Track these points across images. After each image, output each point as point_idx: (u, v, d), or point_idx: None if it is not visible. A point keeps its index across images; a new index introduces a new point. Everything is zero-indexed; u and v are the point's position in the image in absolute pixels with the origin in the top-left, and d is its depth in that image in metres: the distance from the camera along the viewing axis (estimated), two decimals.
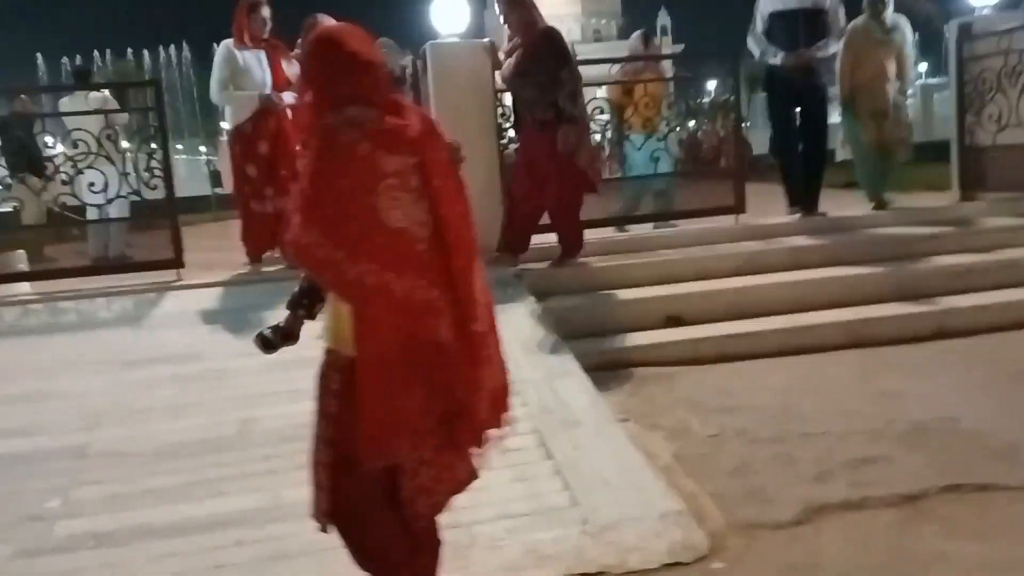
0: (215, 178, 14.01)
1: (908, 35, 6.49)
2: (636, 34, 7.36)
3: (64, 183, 5.33)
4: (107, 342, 4.51)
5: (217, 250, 6.88)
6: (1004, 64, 6.33)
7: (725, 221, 6.09)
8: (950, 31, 6.79)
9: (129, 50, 31.05)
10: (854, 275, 5.25)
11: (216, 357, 4.27)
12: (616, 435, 3.41)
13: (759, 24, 6.28)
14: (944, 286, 5.19)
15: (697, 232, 5.86)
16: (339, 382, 1.95)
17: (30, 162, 6.88)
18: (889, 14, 6.33)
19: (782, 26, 6.10)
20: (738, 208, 6.10)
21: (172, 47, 34.24)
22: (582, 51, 12.14)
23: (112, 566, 2.66)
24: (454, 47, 5.49)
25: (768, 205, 6.62)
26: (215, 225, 11.26)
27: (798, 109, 6.25)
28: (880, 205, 6.52)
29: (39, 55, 29.25)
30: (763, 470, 3.31)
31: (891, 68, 6.34)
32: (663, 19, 47.49)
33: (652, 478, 3.06)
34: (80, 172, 5.31)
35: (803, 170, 6.28)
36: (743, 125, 6.64)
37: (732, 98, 6.20)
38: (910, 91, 7.02)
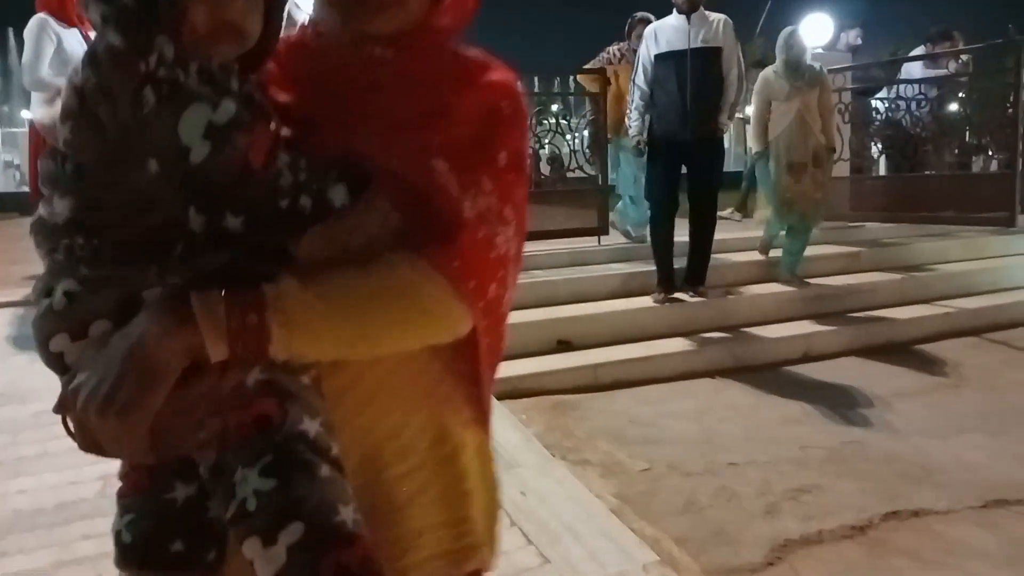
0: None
1: (828, 84, 5.89)
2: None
3: None
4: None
5: (13, 262, 5.75)
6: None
7: (589, 242, 5.99)
8: None
9: None
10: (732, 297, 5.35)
11: (45, 397, 3.43)
12: (563, 476, 3.10)
13: (641, 75, 5.23)
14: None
15: (569, 253, 5.70)
16: None
17: None
18: (805, 60, 5.65)
19: (668, 72, 5.08)
20: (602, 230, 6.03)
21: None
22: None
23: None
24: None
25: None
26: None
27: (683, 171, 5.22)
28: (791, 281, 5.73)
29: None
30: (711, 506, 3.15)
31: (811, 119, 5.59)
32: None
33: (618, 524, 2.78)
34: None
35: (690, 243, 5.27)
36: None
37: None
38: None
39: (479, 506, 0.98)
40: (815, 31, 9.96)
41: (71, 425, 0.78)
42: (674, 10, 5.14)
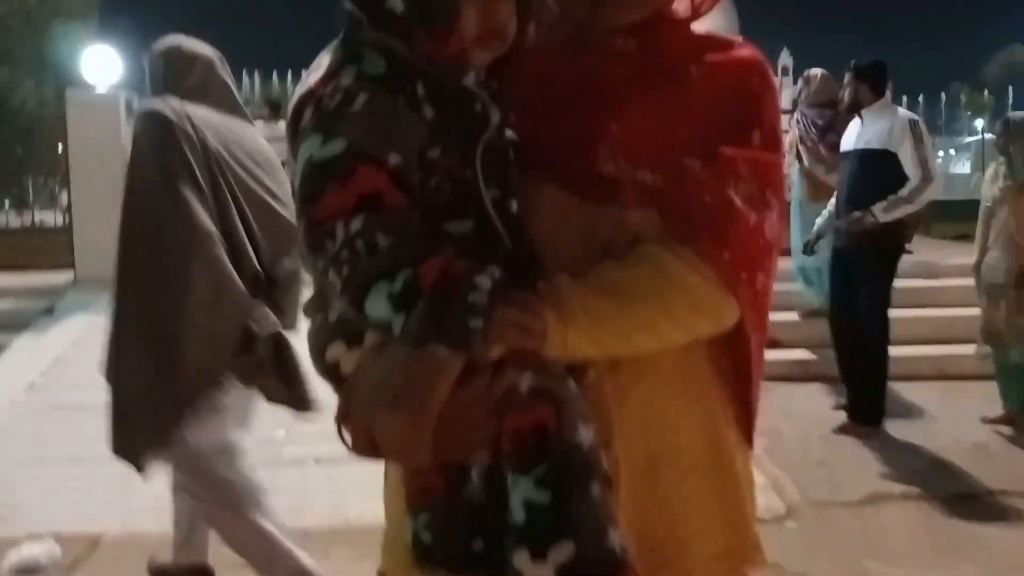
0: None
1: None
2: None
3: None
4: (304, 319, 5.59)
5: None
6: None
7: None
8: None
9: (275, 73, 32.11)
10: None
11: None
12: None
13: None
14: None
15: None
16: None
17: None
18: None
19: (843, 171, 4.54)
20: None
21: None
22: None
23: (333, 479, 3.61)
24: None
25: None
26: None
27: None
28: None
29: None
30: (839, 463, 3.99)
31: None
32: (785, 60, 34.92)
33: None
34: None
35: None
36: None
37: None
38: None
39: (752, 510, 0.99)
40: None
41: (347, 434, 0.84)
42: None
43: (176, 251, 2.17)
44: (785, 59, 9.26)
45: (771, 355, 4.32)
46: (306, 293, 2.62)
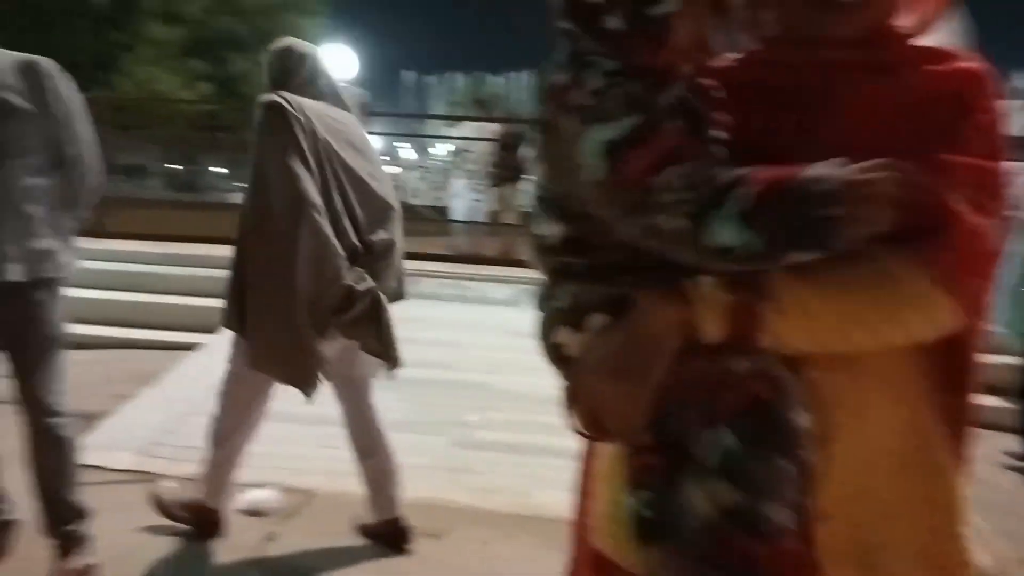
0: None
1: None
2: None
3: None
4: (497, 314, 5.84)
5: None
6: None
7: None
8: None
9: (487, 75, 31.85)
10: None
11: None
12: None
13: None
14: None
15: None
16: None
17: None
18: None
19: None
20: None
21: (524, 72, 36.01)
22: None
23: (521, 466, 3.78)
24: None
25: None
26: None
27: None
28: None
29: (401, 71, 32.10)
30: None
31: None
32: (1020, 82, 25.21)
33: None
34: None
35: None
36: None
37: None
38: None
39: (963, 526, 0.96)
40: None
41: (574, 417, 0.91)
42: None
43: (287, 218, 2.52)
44: (1020, 82, 8.37)
45: (990, 402, 4.20)
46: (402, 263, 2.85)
